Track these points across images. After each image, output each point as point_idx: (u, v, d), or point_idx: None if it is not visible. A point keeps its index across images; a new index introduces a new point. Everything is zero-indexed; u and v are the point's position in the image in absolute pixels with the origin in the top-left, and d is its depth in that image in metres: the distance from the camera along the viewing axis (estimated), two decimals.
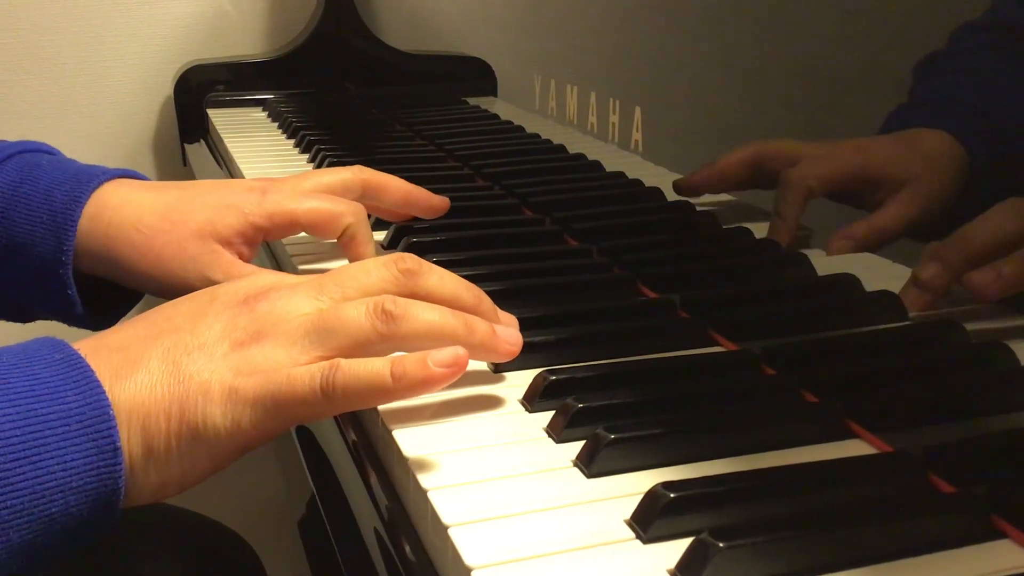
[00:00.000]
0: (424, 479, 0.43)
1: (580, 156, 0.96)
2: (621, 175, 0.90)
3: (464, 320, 0.49)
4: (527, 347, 0.54)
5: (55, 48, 1.34)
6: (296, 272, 0.69)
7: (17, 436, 0.40)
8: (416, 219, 0.76)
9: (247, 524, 1.02)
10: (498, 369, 0.54)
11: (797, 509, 0.40)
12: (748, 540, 0.37)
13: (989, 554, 0.39)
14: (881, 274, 0.64)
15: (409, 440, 0.47)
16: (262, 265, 0.68)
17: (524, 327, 0.57)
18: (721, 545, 0.36)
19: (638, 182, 0.87)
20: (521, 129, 1.08)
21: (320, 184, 0.68)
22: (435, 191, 0.86)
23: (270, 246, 0.77)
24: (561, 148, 0.99)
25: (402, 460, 0.45)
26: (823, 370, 0.53)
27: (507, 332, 0.51)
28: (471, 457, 0.45)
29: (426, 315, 0.48)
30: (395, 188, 0.72)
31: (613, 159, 0.94)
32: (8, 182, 0.64)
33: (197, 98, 1.33)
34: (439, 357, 0.46)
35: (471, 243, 0.73)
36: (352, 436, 0.54)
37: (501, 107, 1.22)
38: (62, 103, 1.37)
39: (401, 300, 0.48)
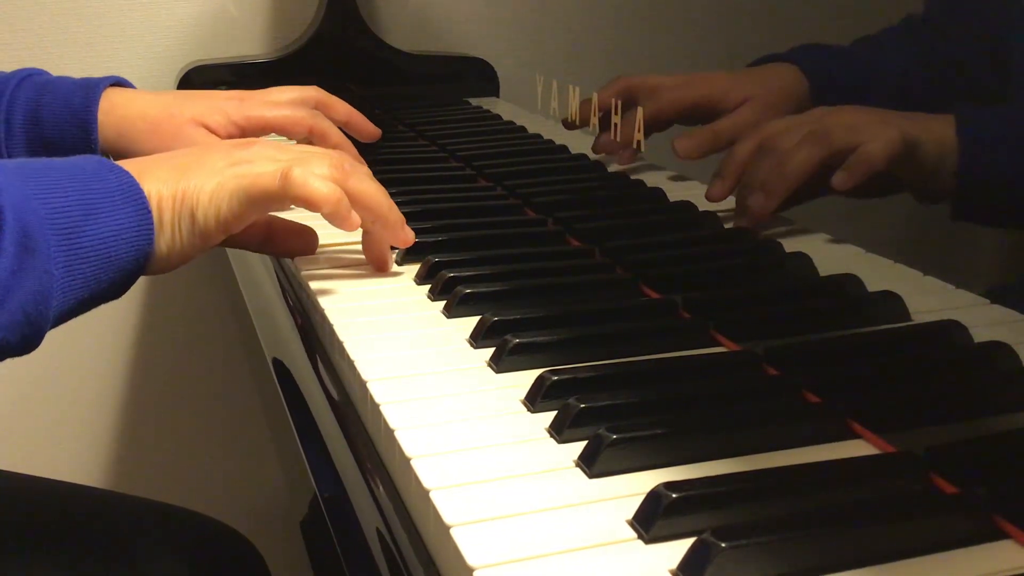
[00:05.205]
0: (426, 479, 0.43)
1: (582, 156, 0.96)
2: (623, 176, 0.90)
3: (390, 202, 0.66)
4: (529, 347, 0.54)
5: (58, 50, 1.34)
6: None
7: (79, 204, 0.55)
8: (417, 220, 0.76)
9: (250, 524, 1.02)
10: (499, 370, 0.54)
11: (799, 509, 0.40)
12: (750, 540, 0.37)
13: (991, 554, 0.39)
14: (883, 274, 0.64)
15: (411, 440, 0.47)
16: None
17: (526, 327, 0.57)
18: (723, 545, 0.36)
19: (640, 183, 0.87)
20: (523, 129, 1.08)
21: (283, 96, 0.86)
22: (437, 191, 0.87)
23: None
24: (563, 148, 0.99)
25: (404, 460, 0.45)
26: (825, 370, 0.53)
27: (409, 230, 0.68)
28: (473, 457, 0.45)
29: (368, 182, 0.65)
30: (341, 108, 0.89)
31: (615, 160, 0.94)
32: (30, 97, 0.78)
33: None
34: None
35: (474, 243, 0.73)
36: (354, 435, 0.54)
37: (503, 107, 1.22)
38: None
39: (352, 164, 0.65)
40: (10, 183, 0.53)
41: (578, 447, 0.45)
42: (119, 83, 0.82)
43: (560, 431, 0.47)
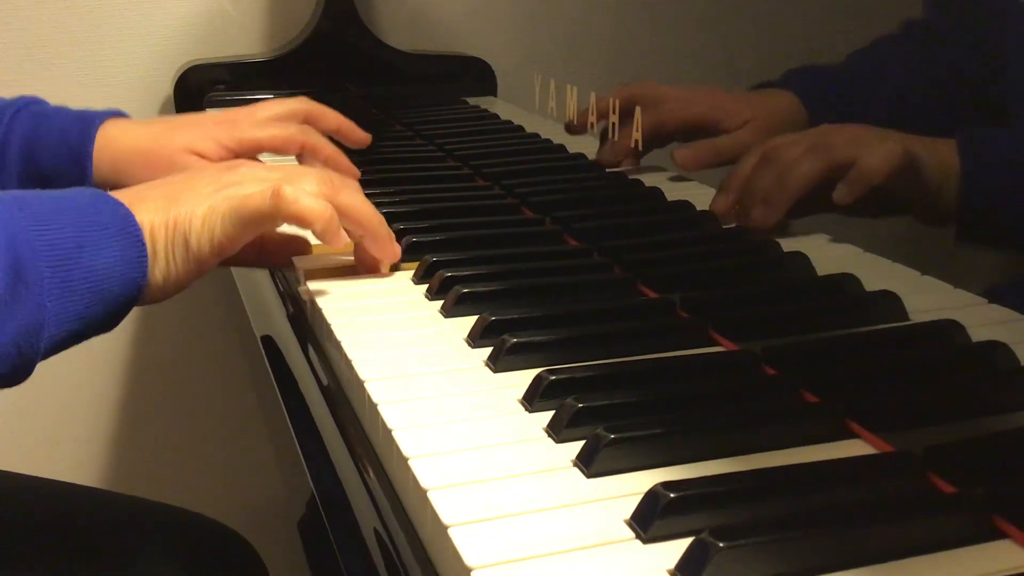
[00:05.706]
0: (424, 479, 0.43)
1: (580, 156, 0.95)
2: (621, 175, 0.90)
3: (380, 217, 0.66)
4: (527, 346, 0.54)
5: (55, 48, 1.34)
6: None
7: (73, 237, 0.55)
8: (414, 220, 0.76)
9: (248, 524, 1.02)
10: (497, 369, 0.54)
11: (797, 509, 0.40)
12: (748, 540, 0.37)
13: (990, 554, 0.39)
14: (881, 274, 0.64)
15: (409, 440, 0.46)
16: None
17: (524, 327, 0.57)
18: (721, 545, 0.36)
19: (638, 182, 0.87)
20: (521, 129, 1.08)
21: (273, 113, 0.86)
22: (435, 190, 0.87)
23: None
24: (561, 148, 0.99)
25: (402, 460, 0.45)
26: (824, 370, 0.53)
27: (397, 245, 0.68)
28: (471, 457, 0.45)
29: (357, 196, 0.65)
30: (331, 117, 0.90)
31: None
32: (28, 128, 0.79)
33: (197, 98, 1.33)
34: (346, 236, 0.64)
35: (471, 243, 0.73)
36: (352, 436, 0.54)
37: (501, 107, 1.22)
38: (62, 103, 1.37)
39: (340, 180, 0.65)
40: (5, 214, 0.53)
41: (576, 447, 0.45)
42: (116, 115, 0.83)
43: (558, 431, 0.47)
